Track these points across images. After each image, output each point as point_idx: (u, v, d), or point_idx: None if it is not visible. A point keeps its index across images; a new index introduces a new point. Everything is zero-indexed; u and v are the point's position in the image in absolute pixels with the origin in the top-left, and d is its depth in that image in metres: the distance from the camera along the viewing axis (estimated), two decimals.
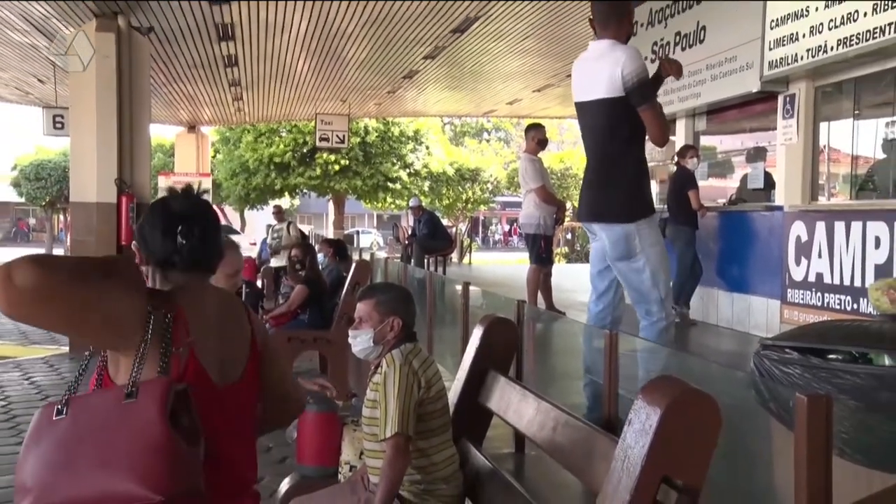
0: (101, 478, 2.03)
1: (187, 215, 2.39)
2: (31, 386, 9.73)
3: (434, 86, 19.74)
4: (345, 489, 3.65)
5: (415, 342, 3.43)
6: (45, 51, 14.94)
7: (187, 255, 2.36)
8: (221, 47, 14.74)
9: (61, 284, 2.00)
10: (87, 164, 11.86)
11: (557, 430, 2.97)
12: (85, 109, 11.90)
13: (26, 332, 13.90)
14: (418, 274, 12.76)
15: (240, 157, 33.30)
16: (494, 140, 62.33)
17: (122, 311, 2.11)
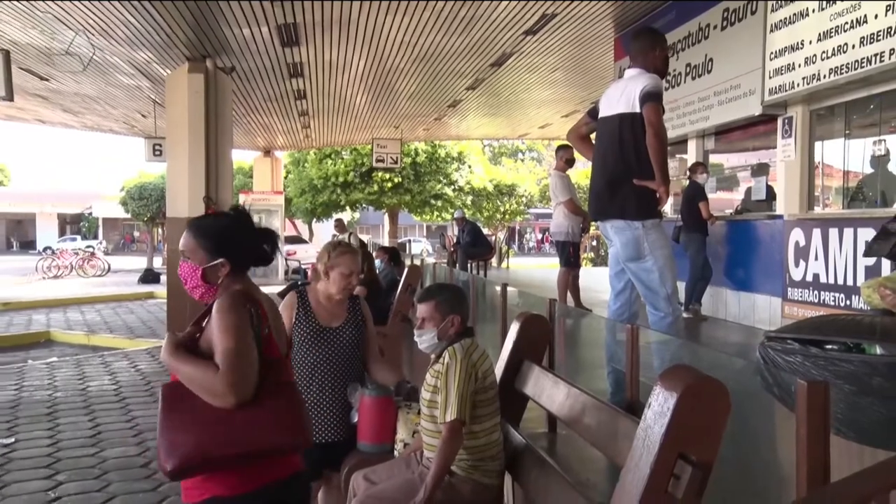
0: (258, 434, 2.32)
1: (265, 230, 2.63)
2: (136, 372, 9.92)
3: (475, 113, 19.77)
4: (400, 463, 3.67)
5: (472, 337, 3.44)
6: (147, 90, 15.22)
7: (263, 261, 2.60)
8: (292, 83, 14.87)
9: (250, 373, 2.31)
10: (181, 185, 12.07)
11: (585, 412, 2.96)
12: (179, 139, 12.14)
13: (133, 328, 14.12)
14: (462, 277, 12.76)
15: (308, 177, 33.54)
16: (528, 159, 62.13)
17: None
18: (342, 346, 4.00)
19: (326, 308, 4.05)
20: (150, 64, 13.11)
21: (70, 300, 19.04)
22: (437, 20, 10.76)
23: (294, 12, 10.23)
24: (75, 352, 11.85)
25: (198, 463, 2.25)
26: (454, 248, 19.39)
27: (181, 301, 12.01)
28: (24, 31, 11.31)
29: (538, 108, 18.84)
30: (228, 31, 11.05)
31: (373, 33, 11.40)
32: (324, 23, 10.80)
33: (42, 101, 17.15)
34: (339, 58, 12.94)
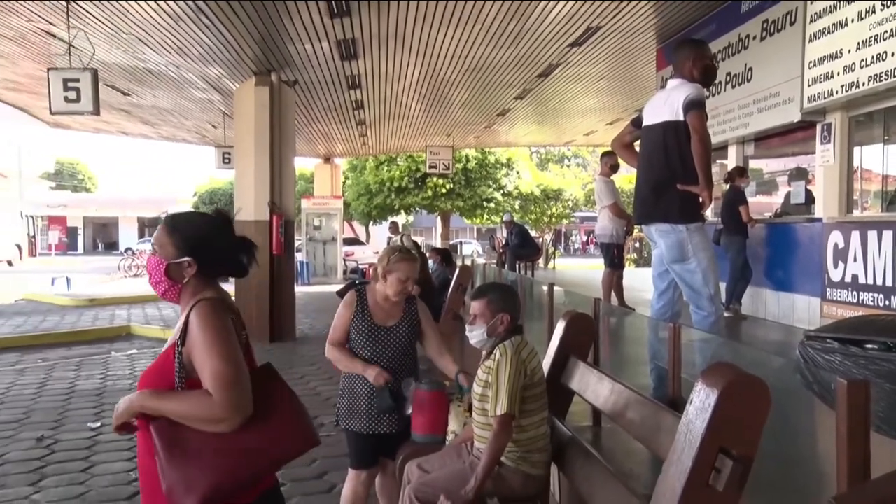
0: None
1: (243, 240, 2.39)
2: None
3: (523, 121, 19.70)
4: (451, 453, 3.66)
5: (522, 335, 3.42)
6: (218, 103, 15.44)
7: (236, 267, 2.38)
8: (350, 94, 14.96)
9: (246, 388, 2.11)
10: (247, 190, 12.21)
11: (629, 407, 2.92)
12: (246, 147, 12.28)
13: None
14: (511, 277, 12.71)
15: (365, 182, 33.76)
16: (574, 165, 61.79)
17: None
18: (396, 344, 4.00)
19: (383, 308, 4.05)
20: (221, 79, 13.31)
21: (148, 297, 19.30)
22: (486, 34, 10.74)
23: (353, 28, 10.30)
24: (152, 344, 12.01)
25: (220, 494, 2.06)
26: (503, 250, 19.36)
27: (247, 298, 12.17)
28: (110, 51, 11.57)
29: (583, 117, 18.70)
30: (292, 46, 11.15)
31: (426, 47, 11.42)
32: (380, 37, 10.85)
33: (125, 114, 17.52)
34: (395, 70, 12.99)
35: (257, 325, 11.96)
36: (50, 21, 10.02)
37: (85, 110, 9.91)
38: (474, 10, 9.63)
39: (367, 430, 3.97)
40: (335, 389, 8.17)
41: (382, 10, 9.60)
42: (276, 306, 12.18)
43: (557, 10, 9.65)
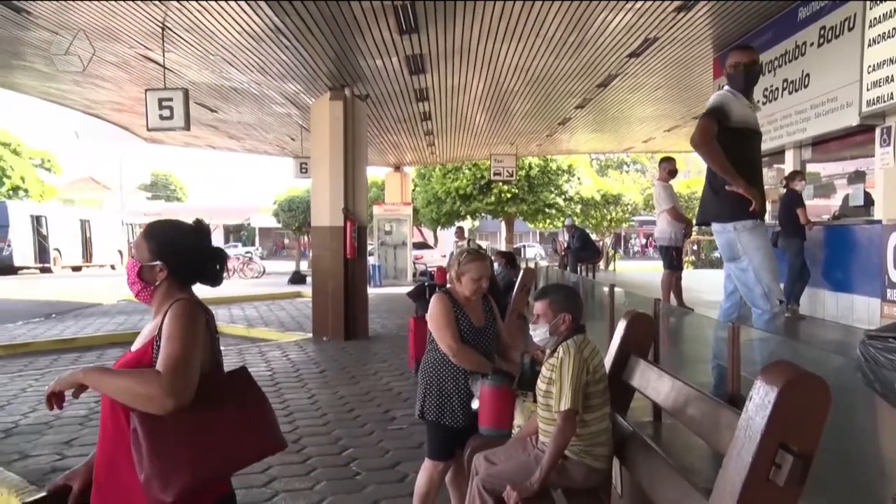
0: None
1: (214, 250, 2.40)
2: (287, 361, 10.18)
3: (583, 129, 19.53)
4: (517, 446, 3.64)
5: (584, 333, 3.39)
6: (296, 117, 15.70)
7: (209, 273, 2.37)
8: (419, 106, 15.05)
9: (192, 380, 2.07)
10: (323, 198, 12.36)
11: (689, 403, 2.87)
12: (322, 158, 12.44)
13: (284, 322, 14.53)
14: (572, 278, 12.61)
15: (433, 189, 33.94)
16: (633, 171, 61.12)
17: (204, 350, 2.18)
18: (486, 343, 4.02)
19: (473, 310, 4.05)
20: (298, 94, 13.53)
21: (233, 298, 19.73)
22: (548, 46, 10.69)
23: (420, 44, 10.36)
24: (237, 342, 12.24)
25: (195, 488, 2.05)
26: (565, 253, 19.24)
27: (324, 299, 12.35)
28: (200, 72, 11.88)
29: (641, 124, 18.46)
30: (364, 62, 11.27)
31: (490, 60, 11.42)
32: (447, 52, 10.89)
33: (212, 129, 17.96)
34: (460, 82, 13.02)
35: (333, 325, 12.11)
36: (148, 47, 10.35)
37: (177, 126, 10.21)
38: (536, 23, 9.59)
39: (451, 422, 3.97)
40: (406, 385, 8.23)
41: (449, 27, 9.64)
42: (351, 306, 12.30)
43: (616, 22, 9.55)
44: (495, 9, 8.98)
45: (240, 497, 4.88)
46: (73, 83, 13.34)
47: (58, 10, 9.02)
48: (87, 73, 12.37)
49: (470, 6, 8.89)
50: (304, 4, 8.53)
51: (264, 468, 5.56)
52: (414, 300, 8.56)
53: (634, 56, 11.24)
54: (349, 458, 5.82)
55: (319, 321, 12.41)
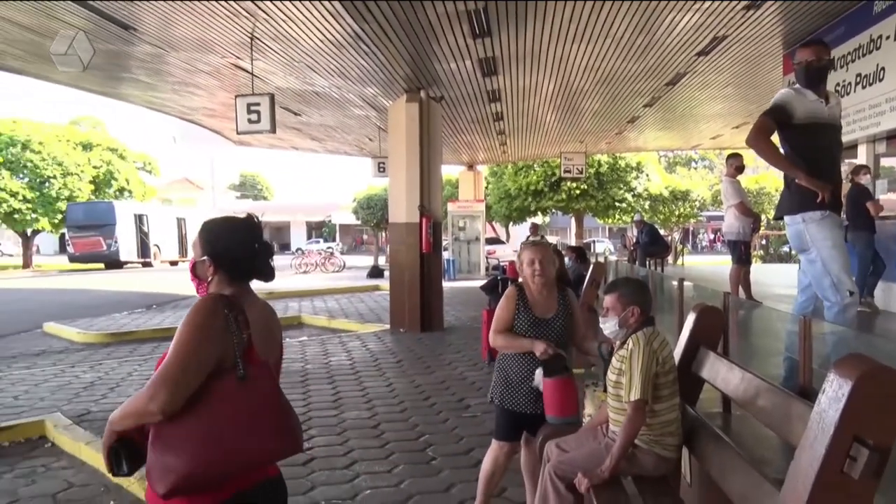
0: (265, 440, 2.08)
1: (265, 240, 2.30)
2: (366, 351, 10.30)
3: (652, 127, 19.18)
4: (588, 434, 3.62)
5: (653, 326, 3.34)
6: (374, 119, 15.85)
7: (258, 269, 2.28)
8: (491, 107, 15.01)
9: (181, 388, 1.98)
10: (400, 196, 12.45)
11: (759, 395, 2.79)
12: (399, 157, 12.53)
13: (363, 314, 14.70)
14: (641, 272, 12.40)
15: (504, 187, 33.88)
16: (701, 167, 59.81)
17: (217, 345, 2.06)
18: (554, 334, 3.97)
19: (540, 302, 4.02)
20: (376, 97, 13.66)
21: (315, 291, 20.08)
22: (617, 47, 10.52)
23: (493, 48, 10.32)
24: (319, 333, 12.43)
25: (190, 485, 1.99)
26: (634, 248, 18.94)
27: (401, 292, 12.44)
28: (285, 78, 12.11)
29: (710, 122, 18.01)
30: (438, 66, 11.29)
31: (560, 61, 11.30)
32: (518, 55, 10.83)
33: (296, 132, 18.29)
34: (532, 84, 12.93)
35: (409, 317, 12.20)
36: (238, 56, 10.60)
37: (264, 129, 10.44)
38: (605, 25, 9.45)
39: (513, 407, 3.99)
40: (479, 374, 8.23)
41: (520, 30, 9.58)
42: (426, 299, 12.37)
43: (685, 21, 9.33)
44: (565, 12, 8.89)
45: (323, 477, 5.01)
46: (171, 92, 13.77)
47: (160, 26, 9.32)
48: (184, 82, 12.77)
49: (540, 10, 8.82)
50: (382, 12, 8.59)
51: (346, 451, 5.64)
52: (487, 293, 8.56)
53: (703, 54, 10.97)
54: (425, 443, 5.85)
55: (397, 313, 12.51)
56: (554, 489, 3.39)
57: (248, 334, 2.12)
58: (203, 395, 2.02)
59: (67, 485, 5.11)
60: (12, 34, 9.83)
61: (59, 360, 9.95)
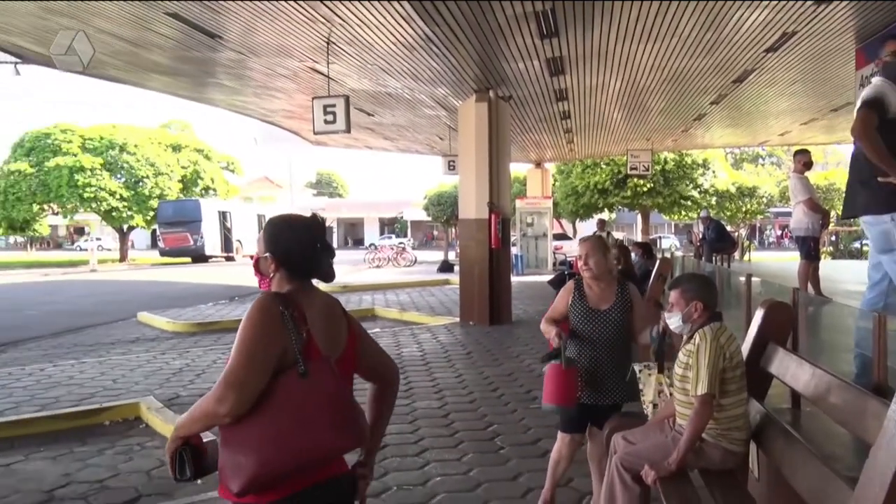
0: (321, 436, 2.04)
1: (326, 241, 2.24)
2: (437, 342, 10.34)
3: (718, 124, 18.68)
4: (655, 427, 3.56)
5: (721, 321, 3.26)
6: (444, 118, 15.89)
7: (317, 268, 2.22)
8: (558, 106, 14.87)
9: (246, 389, 1.98)
10: (470, 193, 12.45)
11: (831, 391, 2.69)
12: (468, 156, 12.53)
13: (434, 307, 14.76)
14: (708, 268, 12.12)
15: (571, 184, 33.59)
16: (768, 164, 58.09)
17: (277, 343, 2.03)
18: (609, 325, 3.94)
19: (596, 293, 4.01)
20: (447, 97, 13.67)
21: (388, 285, 20.26)
22: (683, 45, 10.27)
23: (560, 47, 10.21)
24: (392, 325, 12.54)
25: (260, 483, 1.97)
26: (700, 244, 18.52)
27: (470, 286, 12.44)
28: (359, 80, 12.25)
29: (777, 118, 17.44)
30: (507, 66, 11.24)
31: (627, 60, 11.10)
32: (585, 54, 10.69)
33: (369, 131, 18.48)
34: (598, 83, 12.75)
35: (479, 310, 12.19)
36: (315, 60, 10.77)
37: (339, 130, 10.57)
38: (671, 24, 9.24)
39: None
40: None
41: (587, 30, 9.45)
42: (495, 293, 12.34)
43: (753, 18, 9.04)
44: (632, 12, 8.72)
45: (395, 464, 5.05)
46: (253, 95, 14.09)
47: (243, 33, 9.54)
48: (264, 86, 13.04)
49: (607, 10, 8.67)
50: (452, 14, 8.59)
51: (417, 439, 5.68)
52: (554, 287, 8.52)
53: (771, 51, 10.61)
54: (493, 433, 5.84)
55: (466, 306, 12.52)
56: (620, 480, 3.34)
57: (307, 330, 2.09)
58: (267, 393, 2.00)
59: (160, 463, 5.30)
60: (114, 47, 10.24)
61: (152, 348, 10.31)
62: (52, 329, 12.36)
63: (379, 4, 8.21)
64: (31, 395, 7.33)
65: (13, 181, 34.79)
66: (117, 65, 11.49)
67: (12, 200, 34.86)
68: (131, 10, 8.61)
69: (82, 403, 6.89)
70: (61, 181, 33.99)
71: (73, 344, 10.85)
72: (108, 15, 8.86)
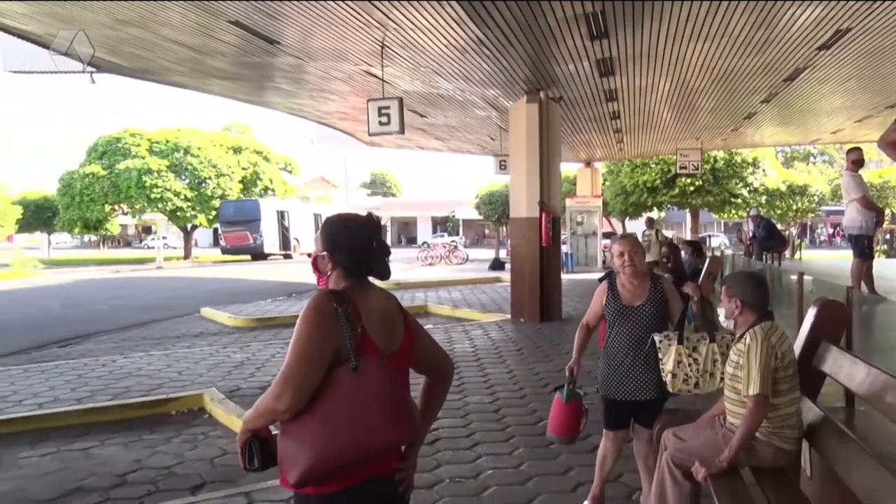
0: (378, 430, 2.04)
1: (382, 240, 2.24)
2: (488, 339, 10.33)
3: (769, 123, 18.22)
4: (705, 424, 3.52)
5: (772, 321, 3.20)
6: (495, 119, 15.85)
7: (373, 267, 2.21)
8: (608, 106, 14.70)
9: (302, 385, 2.01)
10: (520, 192, 12.41)
11: (888, 391, 2.61)
12: (519, 156, 12.49)
13: (485, 304, 14.75)
14: (758, 266, 11.86)
15: (621, 183, 33.20)
16: (820, 162, 56.53)
17: (331, 340, 2.05)
18: (643, 321, 3.91)
19: (629, 290, 4.00)
20: (497, 98, 13.63)
21: (440, 282, 20.31)
22: (734, 44, 10.04)
23: (610, 48, 10.09)
24: (444, 321, 12.57)
25: (317, 475, 2.01)
26: (750, 242, 18.14)
27: (521, 283, 12.39)
28: (412, 82, 12.30)
29: (830, 116, 16.91)
30: (557, 67, 11.16)
31: (677, 60, 10.91)
32: (635, 55, 10.54)
33: (422, 132, 18.55)
34: (648, 83, 12.56)
35: (529, 307, 12.14)
36: (370, 63, 10.86)
37: (393, 131, 10.63)
38: (722, 24, 9.04)
39: (615, 395, 3.99)
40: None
41: (637, 31, 9.32)
42: (546, 291, 12.26)
43: (805, 15, 8.79)
44: (682, 12, 8.57)
45: (447, 456, 5.07)
46: (309, 98, 14.27)
47: (300, 39, 9.67)
48: (320, 89, 13.20)
49: (657, 11, 8.54)
50: (503, 17, 8.56)
51: (469, 433, 5.69)
52: None
53: (824, 48, 10.29)
54: (544, 428, 5.77)
55: (517, 304, 12.47)
56: (671, 477, 3.30)
57: (362, 326, 2.10)
58: (322, 388, 2.03)
59: (222, 451, 5.42)
60: (178, 54, 10.50)
61: (214, 342, 10.54)
62: (122, 323, 12.75)
63: (432, 8, 8.23)
64: (104, 384, 7.58)
65: (87, 183, 36.08)
66: (182, 71, 11.77)
67: (87, 201, 36.21)
68: (195, 19, 8.81)
69: (151, 394, 7.10)
70: (130, 183, 35.07)
71: (142, 337, 11.17)
72: (174, 24, 9.07)
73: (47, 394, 7.22)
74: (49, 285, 22.37)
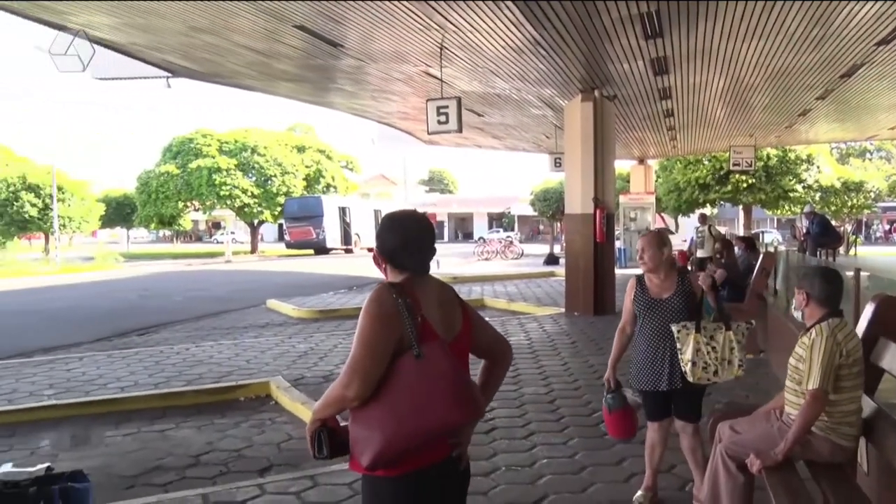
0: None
1: (417, 237, 2.24)
2: (543, 332, 10.29)
3: (824, 120, 17.62)
4: (761, 417, 3.45)
5: (841, 318, 3.12)
6: (550, 117, 15.74)
7: (411, 264, 2.22)
8: (662, 104, 14.45)
9: (368, 373, 2.06)
10: (575, 189, 12.32)
11: None
12: (574, 153, 12.39)
13: (540, 298, 14.67)
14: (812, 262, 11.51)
15: (674, 180, 32.58)
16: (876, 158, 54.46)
17: (394, 330, 2.08)
18: (672, 312, 3.89)
19: (656, 284, 3.99)
20: (553, 97, 13.54)
21: (496, 276, 20.27)
22: (789, 41, 9.75)
23: (665, 47, 9.91)
24: (500, 314, 12.55)
25: (387, 458, 2.06)
26: (804, 238, 17.62)
27: (575, 278, 12.30)
28: (470, 82, 12.32)
29: (888, 112, 16.26)
30: (612, 67, 11.02)
31: (731, 58, 10.65)
32: (689, 54, 10.33)
33: (479, 131, 18.54)
34: (702, 81, 12.30)
35: (583, 301, 12.04)
36: (428, 65, 10.91)
37: (452, 130, 10.65)
38: (777, 21, 8.79)
39: (648, 387, 3.97)
40: None
41: (691, 30, 9.13)
42: (599, 285, 12.15)
43: (864, 11, 8.47)
44: (736, 10, 8.35)
45: (504, 445, 5.08)
46: (370, 98, 14.41)
47: (362, 41, 9.78)
48: (381, 90, 13.32)
49: (712, 9, 8.35)
50: (559, 18, 8.50)
51: (525, 423, 5.68)
52: None
53: (883, 44, 9.89)
54: (598, 419, 5.76)
55: (571, 298, 12.38)
56: (725, 468, 3.25)
57: (422, 315, 2.14)
58: (388, 376, 2.08)
59: (288, 437, 5.53)
60: (247, 58, 10.73)
61: (279, 332, 10.75)
62: (194, 313, 13.10)
63: (489, 10, 8.22)
64: (178, 371, 7.82)
65: (162, 181, 37.25)
66: (251, 74, 12.02)
67: (162, 199, 37.40)
68: (263, 24, 8.98)
69: (221, 381, 7.30)
70: (201, 181, 36.04)
71: (212, 327, 11.47)
72: (243, 30, 9.28)
73: (128, 378, 7.51)
74: (128, 277, 23.17)
